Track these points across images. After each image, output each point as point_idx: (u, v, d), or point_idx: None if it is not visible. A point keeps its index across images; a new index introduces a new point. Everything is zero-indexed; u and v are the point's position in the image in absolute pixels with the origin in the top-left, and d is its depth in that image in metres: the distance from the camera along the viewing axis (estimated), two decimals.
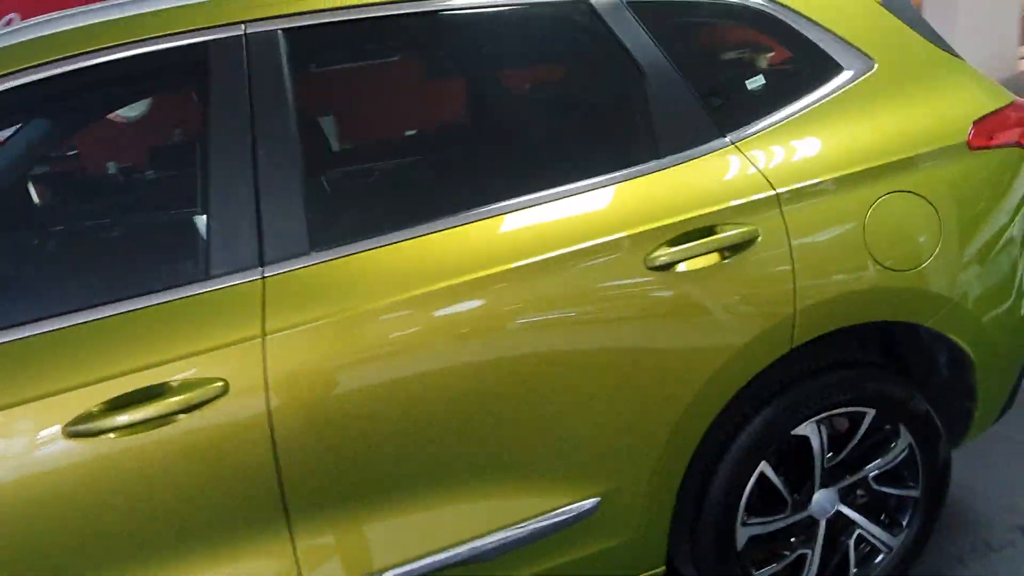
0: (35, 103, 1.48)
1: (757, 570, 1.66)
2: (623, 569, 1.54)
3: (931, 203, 1.55)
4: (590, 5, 1.47)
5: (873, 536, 1.73)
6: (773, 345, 1.47)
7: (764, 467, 1.58)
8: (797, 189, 1.48)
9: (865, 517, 1.72)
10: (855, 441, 1.65)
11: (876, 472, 1.70)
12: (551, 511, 1.43)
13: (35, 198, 1.71)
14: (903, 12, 1.70)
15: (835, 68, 1.59)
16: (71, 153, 1.72)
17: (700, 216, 1.42)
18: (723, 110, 1.52)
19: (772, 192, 1.46)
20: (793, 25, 1.58)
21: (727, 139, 1.50)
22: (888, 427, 1.68)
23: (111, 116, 1.81)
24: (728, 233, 1.42)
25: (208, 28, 1.29)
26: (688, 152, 1.47)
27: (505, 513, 1.42)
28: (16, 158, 1.67)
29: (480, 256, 1.34)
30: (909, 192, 1.54)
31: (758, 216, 1.45)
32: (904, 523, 1.76)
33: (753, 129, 1.52)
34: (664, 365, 1.42)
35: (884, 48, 1.63)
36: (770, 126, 1.53)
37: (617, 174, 1.44)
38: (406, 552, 1.36)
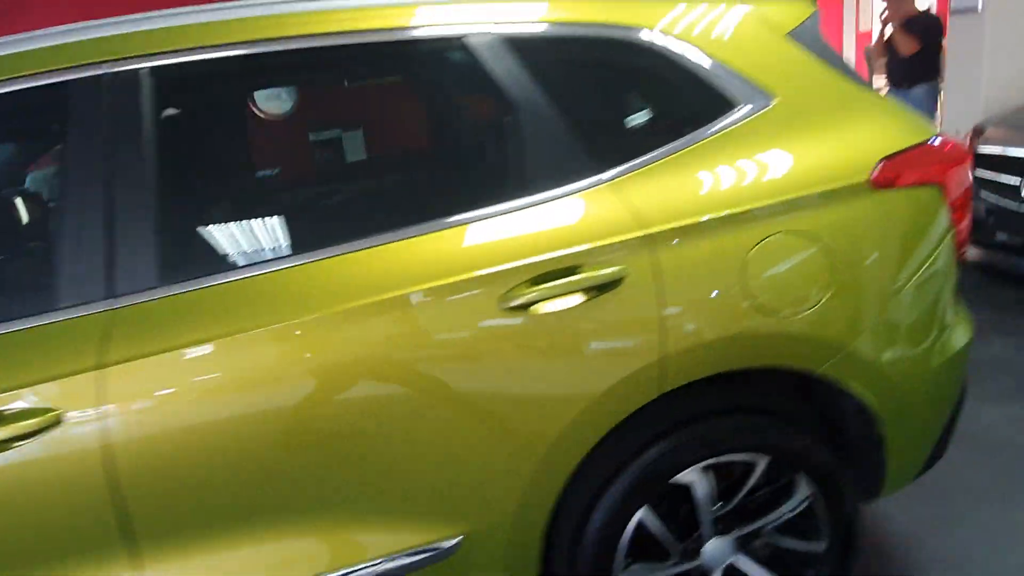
0: None
1: None
2: None
3: (823, 245, 1.48)
4: (462, 41, 1.47)
5: None
6: (639, 390, 1.43)
7: (644, 514, 1.53)
8: (672, 229, 1.43)
9: (765, 569, 1.65)
10: (745, 490, 1.59)
11: (775, 523, 1.63)
12: (409, 548, 1.42)
13: None
14: (813, 45, 1.64)
15: (727, 104, 1.54)
16: None
17: (563, 256, 1.39)
18: (603, 146, 1.49)
19: (643, 232, 1.42)
20: (682, 60, 1.54)
21: (604, 176, 1.47)
22: (787, 477, 1.61)
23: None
24: (591, 274, 1.39)
25: (69, 68, 1.33)
26: (561, 189, 1.44)
27: (360, 548, 1.41)
28: None
29: (334, 293, 1.34)
30: (797, 233, 1.48)
31: (626, 256, 1.41)
32: None
33: (632, 166, 1.48)
34: (522, 408, 1.40)
35: (786, 83, 1.58)
36: (651, 163, 1.49)
37: (484, 211, 1.42)
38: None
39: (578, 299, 1.39)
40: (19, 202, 1.61)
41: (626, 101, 1.70)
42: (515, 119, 1.46)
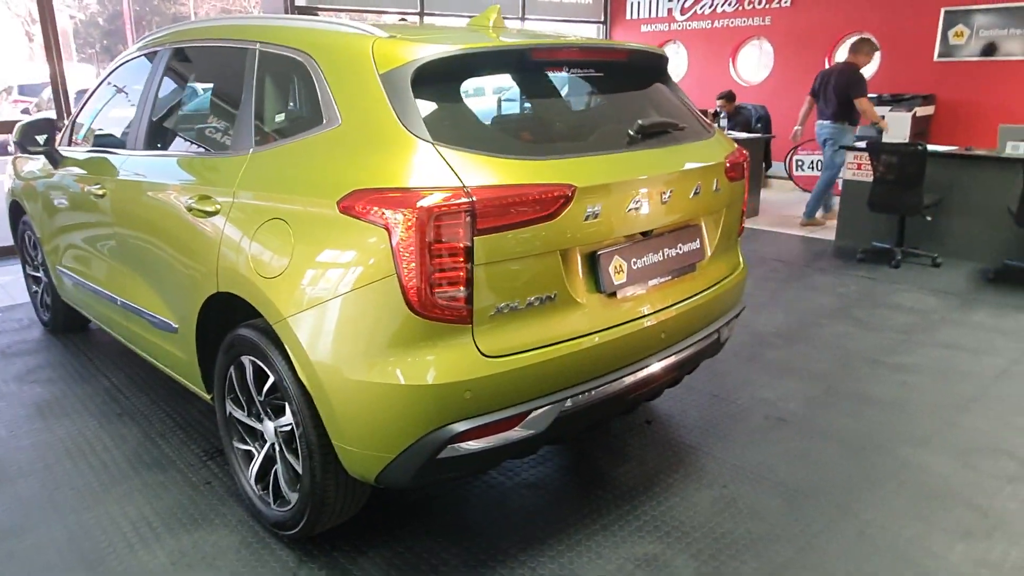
0: None
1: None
2: (186, 375, 2.68)
3: (296, 239, 1.96)
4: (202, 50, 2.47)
5: None
6: (208, 280, 2.31)
7: (246, 362, 2.28)
8: (244, 194, 2.18)
9: (290, 463, 2.23)
10: (263, 393, 2.23)
11: (283, 429, 2.20)
12: (159, 314, 2.70)
13: None
14: (397, 88, 1.89)
15: (320, 118, 2.04)
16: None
17: (208, 189, 2.33)
18: (260, 130, 2.25)
19: (234, 189, 2.21)
20: (318, 82, 2.07)
21: (251, 149, 2.24)
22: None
23: None
24: (211, 203, 2.29)
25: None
26: (233, 151, 2.32)
27: (145, 300, 2.77)
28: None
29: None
30: (285, 223, 2.00)
31: (222, 201, 2.24)
32: None
33: (263, 148, 2.22)
34: (184, 261, 2.45)
35: (352, 113, 1.96)
36: (271, 148, 2.20)
37: (193, 151, 2.57)
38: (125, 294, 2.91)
39: (208, 213, 2.29)
40: None
41: (285, 102, 2.30)
42: (230, 106, 2.37)
